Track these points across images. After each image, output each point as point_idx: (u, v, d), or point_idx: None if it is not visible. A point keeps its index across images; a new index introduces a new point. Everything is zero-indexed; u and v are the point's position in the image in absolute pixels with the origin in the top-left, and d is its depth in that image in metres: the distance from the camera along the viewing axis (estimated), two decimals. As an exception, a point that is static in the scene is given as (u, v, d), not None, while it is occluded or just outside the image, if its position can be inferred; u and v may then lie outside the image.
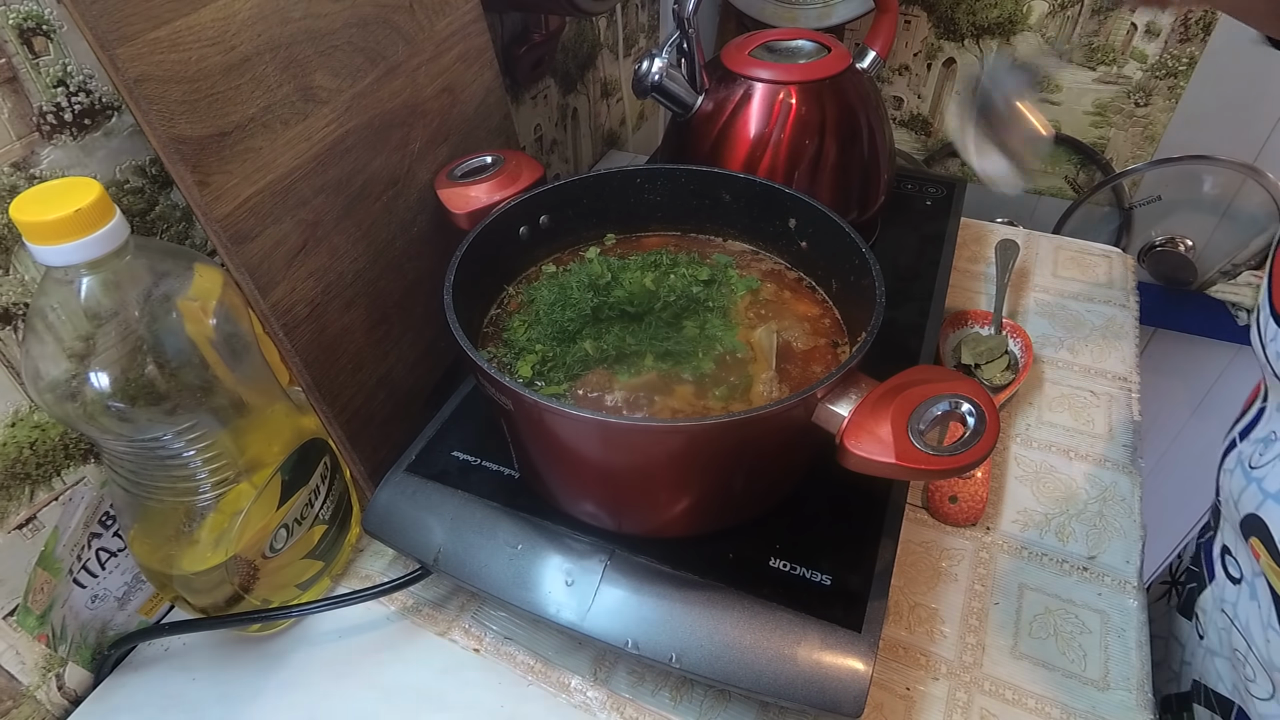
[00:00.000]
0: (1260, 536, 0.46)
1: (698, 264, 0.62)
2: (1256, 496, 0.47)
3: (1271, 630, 0.49)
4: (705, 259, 0.63)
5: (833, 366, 0.56)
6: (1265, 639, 0.50)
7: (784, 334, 0.57)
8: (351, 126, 0.57)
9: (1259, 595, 0.51)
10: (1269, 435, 0.49)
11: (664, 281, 0.59)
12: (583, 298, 0.57)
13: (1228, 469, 0.54)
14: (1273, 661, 0.49)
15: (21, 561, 0.50)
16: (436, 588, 0.62)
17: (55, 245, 0.39)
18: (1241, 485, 0.49)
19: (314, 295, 0.56)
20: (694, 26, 0.69)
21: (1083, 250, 0.95)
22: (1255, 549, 0.47)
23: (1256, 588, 0.51)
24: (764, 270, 0.64)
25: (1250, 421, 0.54)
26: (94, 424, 0.44)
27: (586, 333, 0.56)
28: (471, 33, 0.69)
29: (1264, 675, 0.51)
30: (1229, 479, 0.52)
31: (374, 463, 0.62)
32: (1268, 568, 0.47)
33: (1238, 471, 0.51)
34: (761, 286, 0.62)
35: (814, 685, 0.47)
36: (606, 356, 0.54)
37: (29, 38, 0.44)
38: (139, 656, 0.59)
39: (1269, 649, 0.50)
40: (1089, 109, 1.48)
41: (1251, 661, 0.52)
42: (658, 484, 0.50)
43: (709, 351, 0.55)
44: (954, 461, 0.41)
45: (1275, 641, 0.49)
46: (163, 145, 0.45)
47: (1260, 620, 0.50)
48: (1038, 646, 0.57)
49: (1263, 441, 0.50)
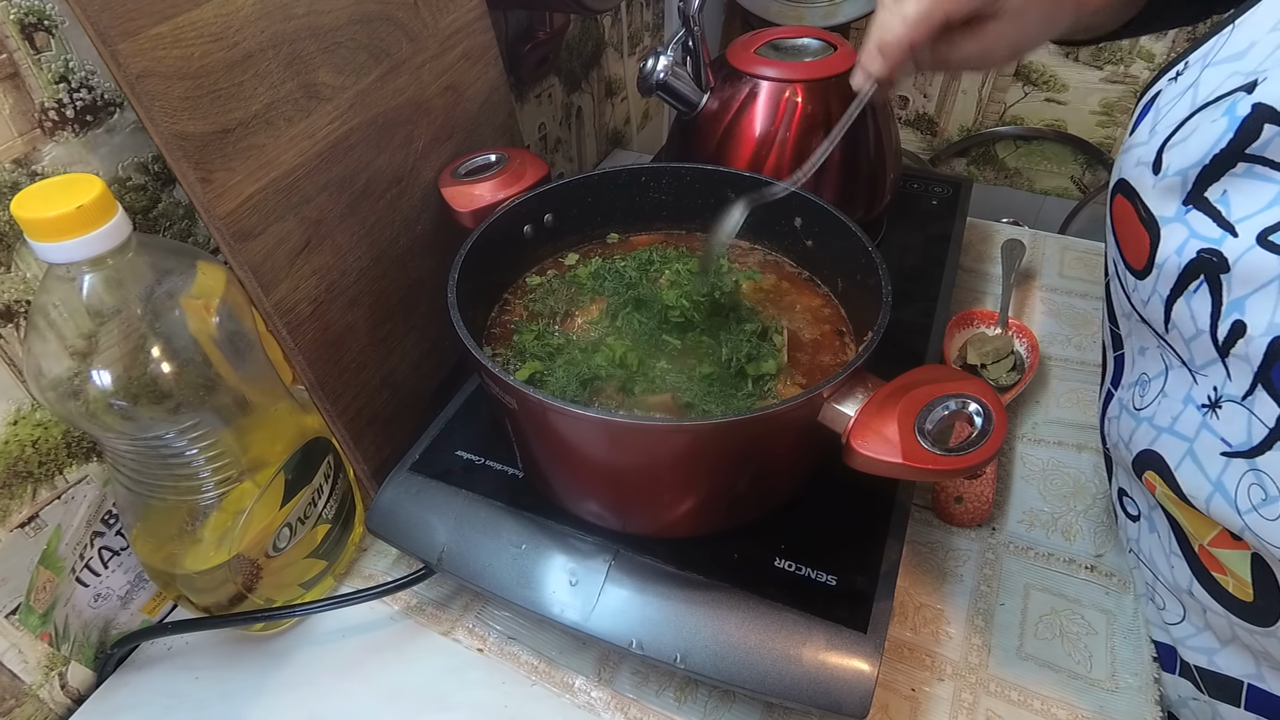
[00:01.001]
0: (1156, 469, 0.48)
1: (687, 257, 0.62)
2: (1149, 433, 0.49)
3: (1174, 555, 0.51)
4: (694, 252, 0.63)
5: (839, 353, 0.56)
6: (1169, 565, 0.52)
7: (789, 325, 0.57)
8: (355, 124, 0.57)
9: (1158, 527, 0.53)
10: (1140, 378, 0.52)
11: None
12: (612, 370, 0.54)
13: (1111, 417, 0.56)
14: (1178, 584, 0.51)
15: (24, 560, 0.50)
16: (440, 587, 0.62)
17: (57, 242, 0.39)
18: (1131, 427, 0.52)
19: (317, 293, 0.55)
20: (699, 24, 0.69)
21: (1090, 250, 0.95)
22: (1150, 482, 0.49)
23: (1154, 520, 0.54)
24: (759, 262, 0.64)
25: (1115, 372, 0.57)
26: (96, 422, 0.44)
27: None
28: (476, 30, 0.69)
29: (1173, 600, 0.53)
30: (1115, 425, 0.55)
31: (377, 462, 0.62)
32: (1164, 497, 0.49)
33: (1124, 416, 0.53)
34: (762, 278, 0.62)
35: (819, 686, 0.47)
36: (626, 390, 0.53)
37: (31, 33, 0.44)
38: (142, 655, 0.58)
39: (1173, 574, 0.52)
40: (1095, 108, 1.48)
41: (1160, 590, 0.54)
42: (663, 484, 0.50)
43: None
44: (961, 462, 0.41)
45: (1179, 566, 0.51)
46: (165, 142, 0.44)
47: (1163, 549, 0.53)
48: (1044, 647, 0.56)
49: (1138, 385, 0.52)
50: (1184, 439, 0.46)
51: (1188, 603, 0.51)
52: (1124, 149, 0.48)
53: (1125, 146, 0.48)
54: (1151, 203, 0.44)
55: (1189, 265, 0.41)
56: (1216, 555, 0.47)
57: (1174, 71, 0.45)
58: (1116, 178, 0.48)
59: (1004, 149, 1.60)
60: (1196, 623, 0.52)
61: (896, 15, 0.50)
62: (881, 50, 0.51)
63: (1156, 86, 0.47)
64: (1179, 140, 0.42)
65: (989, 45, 0.52)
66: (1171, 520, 0.51)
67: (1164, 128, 0.43)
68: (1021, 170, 1.61)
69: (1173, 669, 0.55)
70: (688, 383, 0.52)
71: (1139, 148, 0.45)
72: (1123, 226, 0.48)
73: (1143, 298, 0.47)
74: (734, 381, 0.53)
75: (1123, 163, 0.48)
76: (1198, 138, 0.40)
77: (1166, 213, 0.43)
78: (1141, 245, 0.45)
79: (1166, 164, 0.42)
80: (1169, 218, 0.43)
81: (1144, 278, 0.46)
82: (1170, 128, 0.43)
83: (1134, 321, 0.50)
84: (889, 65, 0.51)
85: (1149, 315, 0.47)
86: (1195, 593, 0.49)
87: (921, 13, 0.49)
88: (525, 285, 0.63)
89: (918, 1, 0.49)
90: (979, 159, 1.64)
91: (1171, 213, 0.43)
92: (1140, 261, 0.46)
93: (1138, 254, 0.46)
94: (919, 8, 0.49)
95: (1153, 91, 0.47)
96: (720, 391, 0.52)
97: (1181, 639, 0.53)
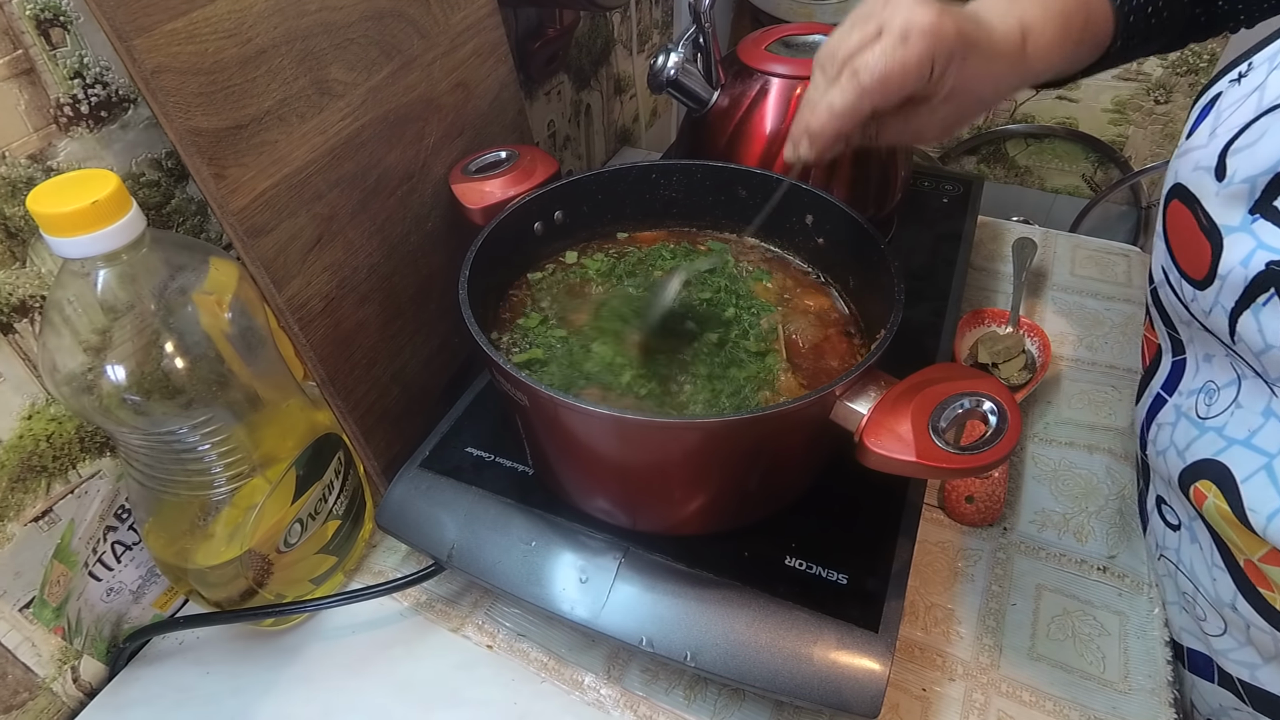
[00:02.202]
0: (1216, 480, 0.47)
1: (694, 254, 0.62)
2: (1216, 443, 0.48)
3: (1216, 568, 0.50)
4: (699, 246, 0.64)
5: (846, 355, 0.56)
6: (1211, 578, 0.51)
7: (790, 326, 0.57)
8: (366, 120, 0.57)
9: (1199, 537, 0.52)
10: (1206, 385, 0.50)
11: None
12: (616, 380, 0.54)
13: (1162, 422, 0.54)
14: (1220, 598, 0.50)
15: (38, 554, 0.51)
16: (449, 584, 0.62)
17: (73, 237, 0.39)
18: (1192, 435, 0.50)
19: (329, 290, 0.55)
20: (710, 21, 0.69)
21: (1101, 249, 0.94)
22: (1201, 493, 0.48)
23: (1195, 531, 0.52)
24: (766, 258, 0.64)
25: (1168, 376, 0.55)
26: (110, 417, 0.44)
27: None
28: (486, 27, 0.69)
29: (1214, 613, 0.52)
30: (1167, 431, 0.53)
31: (388, 458, 0.62)
32: (1212, 510, 0.47)
33: (1181, 423, 0.52)
34: (771, 280, 0.62)
35: (830, 685, 0.47)
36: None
37: (46, 29, 0.44)
38: (153, 650, 0.59)
39: (1215, 587, 0.51)
40: (1108, 106, 1.47)
41: (1200, 602, 0.53)
42: (674, 481, 0.50)
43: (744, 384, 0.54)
44: (976, 460, 0.41)
45: (1221, 579, 0.50)
46: (179, 137, 0.45)
47: (1204, 561, 0.51)
48: (1056, 648, 0.56)
49: (1203, 393, 0.50)
50: (1263, 454, 0.44)
51: (1229, 617, 0.50)
52: (1180, 152, 0.46)
53: (1181, 150, 0.46)
54: (1214, 210, 0.42)
55: (1257, 277, 0.40)
56: (1266, 572, 0.46)
57: (1236, 73, 0.44)
58: (1171, 182, 0.46)
59: (1014, 147, 1.59)
60: (1238, 637, 0.51)
61: (824, 104, 0.48)
62: (809, 136, 0.49)
63: (1216, 88, 0.45)
64: (1245, 145, 0.40)
65: (920, 126, 0.51)
66: (1213, 532, 0.49)
67: (1226, 131, 0.42)
68: (1032, 168, 1.60)
69: (1211, 678, 0.54)
70: (688, 381, 0.53)
71: (1197, 151, 0.44)
72: (1178, 234, 0.46)
73: (1203, 308, 0.45)
74: (728, 374, 0.53)
75: (1178, 167, 0.46)
76: (1267, 143, 0.39)
77: (1231, 221, 0.41)
78: (1201, 254, 0.43)
79: (1232, 170, 0.41)
80: (1233, 227, 0.41)
81: (1204, 288, 0.44)
82: (1233, 131, 0.41)
83: (1195, 329, 0.49)
84: (816, 150, 0.50)
85: (1212, 325, 0.45)
86: (1239, 607, 0.48)
87: (848, 106, 0.47)
88: (528, 281, 0.63)
89: (844, 93, 0.47)
90: (989, 157, 1.63)
91: (1236, 221, 0.41)
92: (1200, 271, 0.44)
93: (1196, 263, 0.44)
94: (845, 100, 0.47)
95: (1213, 93, 0.45)
96: (714, 387, 0.52)
97: (1222, 651, 0.52)
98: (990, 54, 0.49)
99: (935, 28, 0.45)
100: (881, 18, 0.46)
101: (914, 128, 0.51)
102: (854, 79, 0.46)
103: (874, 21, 0.47)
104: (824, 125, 0.48)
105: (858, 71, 0.46)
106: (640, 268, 0.63)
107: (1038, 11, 0.52)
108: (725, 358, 0.54)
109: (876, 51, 0.46)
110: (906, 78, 0.46)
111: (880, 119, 0.50)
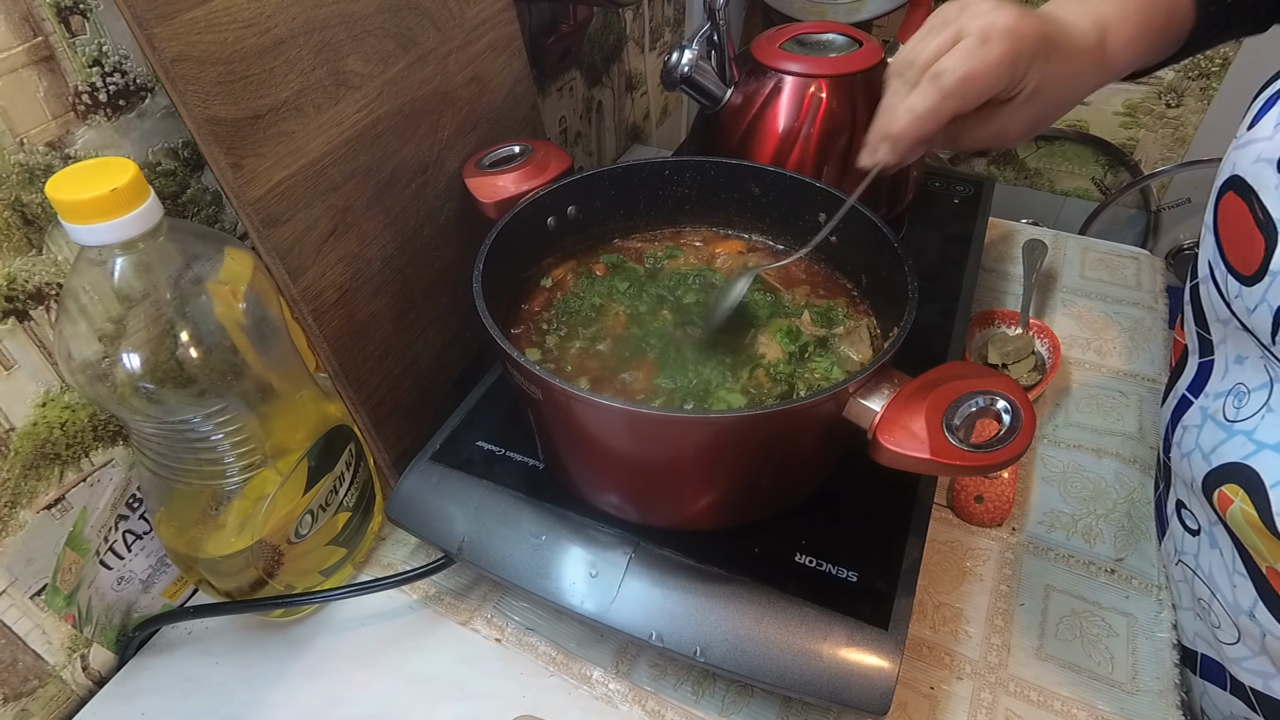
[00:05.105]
0: (1244, 484, 0.46)
1: (708, 273, 0.62)
2: (1244, 447, 0.47)
3: (1238, 575, 0.50)
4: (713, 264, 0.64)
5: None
6: (1231, 584, 0.50)
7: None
8: (382, 113, 0.57)
9: (1219, 543, 0.51)
10: (1235, 388, 0.49)
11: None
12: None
13: (1188, 425, 0.53)
14: (1239, 605, 0.50)
15: (50, 541, 0.51)
16: (459, 577, 0.62)
17: (91, 224, 0.39)
18: (1219, 438, 0.49)
19: (343, 281, 0.56)
20: (724, 18, 0.69)
21: (1111, 252, 0.94)
22: (1226, 497, 0.47)
23: (1216, 536, 0.52)
24: (777, 255, 0.64)
25: (1195, 377, 0.54)
26: (124, 405, 0.44)
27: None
28: (501, 21, 0.69)
29: (1228, 621, 0.51)
30: (1193, 434, 0.52)
31: (398, 451, 0.62)
32: (1236, 514, 0.47)
33: (1208, 426, 0.51)
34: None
35: (839, 682, 0.47)
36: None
37: (66, 16, 0.44)
38: (163, 639, 0.59)
39: (1235, 594, 0.50)
40: (1119, 109, 1.47)
41: (1216, 609, 0.52)
42: (685, 477, 0.50)
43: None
44: (990, 458, 0.41)
45: (1242, 586, 0.49)
46: (197, 126, 0.45)
47: (1225, 568, 0.51)
48: (1064, 648, 0.56)
49: (1232, 395, 0.50)
50: None
51: (1245, 625, 0.50)
52: (1239, 144, 0.45)
53: (1241, 141, 0.45)
54: (1272, 204, 0.42)
55: None
56: None
57: None
58: (1228, 174, 0.46)
59: (1025, 149, 1.59)
60: (1252, 646, 0.50)
61: (904, 109, 0.48)
62: (888, 140, 0.49)
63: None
64: None
65: (1003, 127, 0.51)
66: (1235, 538, 0.49)
67: None
68: (1042, 171, 1.60)
69: (1223, 685, 0.53)
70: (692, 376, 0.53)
71: (1260, 143, 0.43)
72: (1231, 227, 0.45)
73: (1248, 305, 0.44)
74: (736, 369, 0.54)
75: (1237, 158, 0.45)
76: None
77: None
78: (1254, 249, 0.43)
79: None
80: None
81: (1253, 284, 0.43)
82: None
83: (1231, 328, 0.48)
84: (896, 156, 0.50)
85: (1254, 324, 0.45)
86: (1258, 615, 0.48)
87: (930, 109, 0.47)
88: (539, 278, 0.63)
89: (925, 97, 0.47)
90: (999, 159, 1.62)
91: None
92: (1250, 266, 0.43)
93: (1247, 258, 0.43)
94: (927, 104, 0.47)
95: (1277, 85, 0.45)
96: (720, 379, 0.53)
97: (1235, 659, 0.52)
98: (1071, 53, 0.49)
99: (1015, 28, 0.45)
100: (959, 23, 0.47)
101: (995, 129, 0.51)
102: (935, 82, 0.47)
103: (951, 28, 0.47)
104: (905, 129, 0.48)
105: (939, 75, 0.46)
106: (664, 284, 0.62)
107: (1115, 8, 0.51)
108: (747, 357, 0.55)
109: (958, 54, 0.46)
110: (988, 79, 0.46)
111: (962, 121, 0.50)
